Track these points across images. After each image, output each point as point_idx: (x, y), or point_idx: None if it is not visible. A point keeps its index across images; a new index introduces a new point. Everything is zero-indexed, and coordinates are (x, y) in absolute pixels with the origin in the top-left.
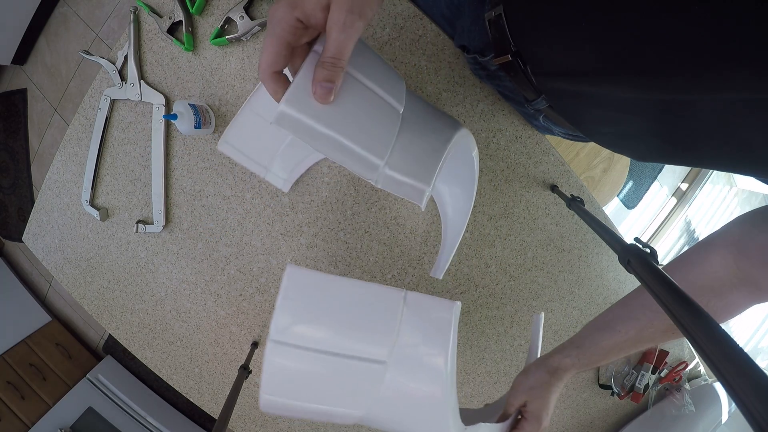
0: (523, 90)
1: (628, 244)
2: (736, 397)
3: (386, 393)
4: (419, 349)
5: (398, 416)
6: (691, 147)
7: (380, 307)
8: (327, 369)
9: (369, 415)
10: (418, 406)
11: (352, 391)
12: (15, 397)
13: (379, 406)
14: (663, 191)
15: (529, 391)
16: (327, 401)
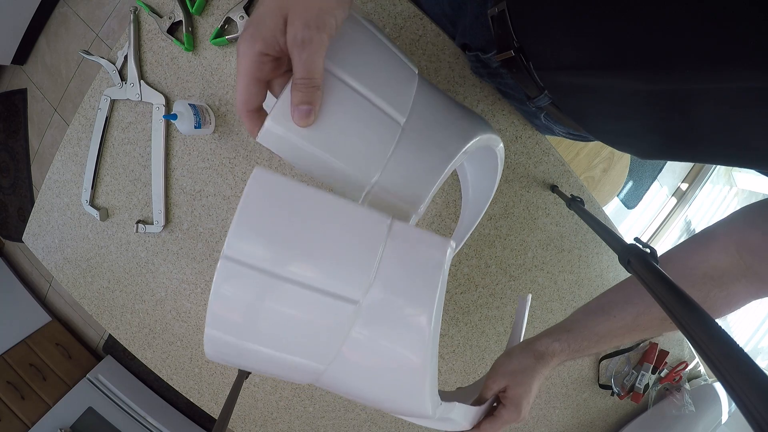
0: (525, 87)
1: (628, 244)
2: (736, 397)
3: (353, 344)
4: (399, 292)
5: (364, 377)
6: (694, 140)
7: (360, 234)
8: (289, 304)
9: (329, 373)
10: (390, 366)
11: (314, 336)
12: (15, 397)
13: (343, 362)
14: (663, 191)
15: (510, 375)
16: (285, 347)
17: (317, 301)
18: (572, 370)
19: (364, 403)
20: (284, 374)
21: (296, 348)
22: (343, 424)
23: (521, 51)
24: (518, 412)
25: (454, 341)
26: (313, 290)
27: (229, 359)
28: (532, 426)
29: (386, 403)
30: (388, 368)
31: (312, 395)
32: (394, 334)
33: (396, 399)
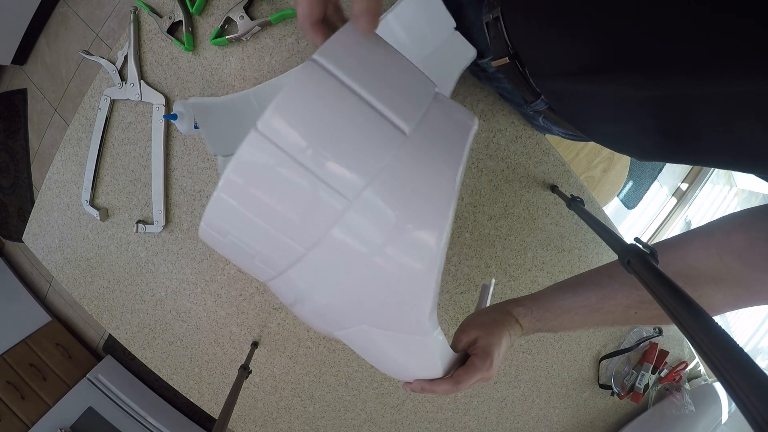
0: (522, 92)
1: (628, 244)
2: (736, 397)
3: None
4: (438, 138)
5: (363, 257)
6: (691, 143)
7: (418, 82)
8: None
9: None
10: (400, 235)
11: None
12: (15, 397)
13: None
14: (663, 191)
15: (480, 326)
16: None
17: (374, 119)
18: (572, 370)
19: (342, 307)
20: (266, 248)
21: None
22: (343, 424)
23: (516, 57)
24: (490, 360)
25: None
26: (374, 110)
27: (222, 230)
28: (532, 426)
29: (376, 305)
30: (408, 220)
31: (312, 395)
32: (426, 173)
33: (394, 294)
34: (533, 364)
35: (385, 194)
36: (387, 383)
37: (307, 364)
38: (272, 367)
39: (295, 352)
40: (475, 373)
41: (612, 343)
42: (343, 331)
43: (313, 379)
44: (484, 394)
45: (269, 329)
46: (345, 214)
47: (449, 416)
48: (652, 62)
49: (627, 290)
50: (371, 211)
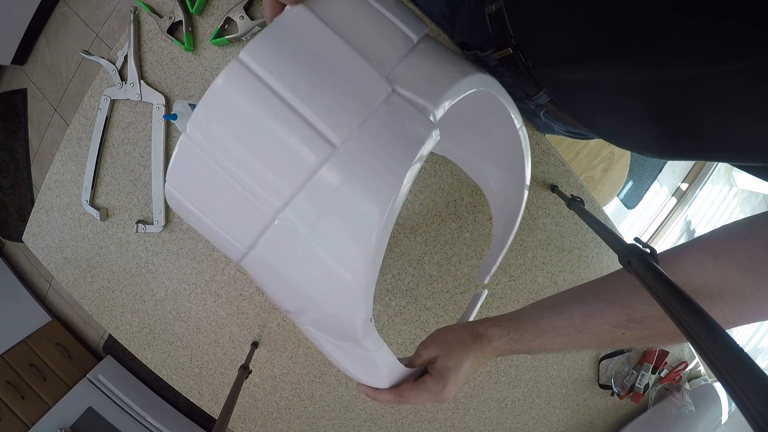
0: (524, 85)
1: (628, 244)
2: (736, 397)
3: (313, 190)
4: (375, 151)
5: (304, 251)
6: (690, 132)
7: (361, 87)
8: (276, 122)
9: (269, 235)
10: (334, 238)
11: (282, 164)
12: (15, 397)
13: (293, 214)
14: (663, 191)
15: (443, 345)
16: (257, 164)
17: (301, 130)
18: (572, 370)
19: (291, 294)
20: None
21: (266, 169)
22: (343, 424)
23: (519, 48)
24: (443, 384)
25: None
26: (301, 119)
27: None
28: (532, 426)
29: (315, 300)
30: (331, 243)
31: (312, 395)
32: (351, 196)
33: (326, 295)
34: (533, 364)
35: (309, 210)
36: None
37: (307, 364)
38: (272, 367)
39: (295, 352)
40: (423, 393)
41: None
42: (298, 325)
43: (313, 379)
44: (484, 394)
45: (269, 329)
46: (272, 224)
47: (449, 416)
48: (648, 42)
49: (615, 308)
50: (296, 225)
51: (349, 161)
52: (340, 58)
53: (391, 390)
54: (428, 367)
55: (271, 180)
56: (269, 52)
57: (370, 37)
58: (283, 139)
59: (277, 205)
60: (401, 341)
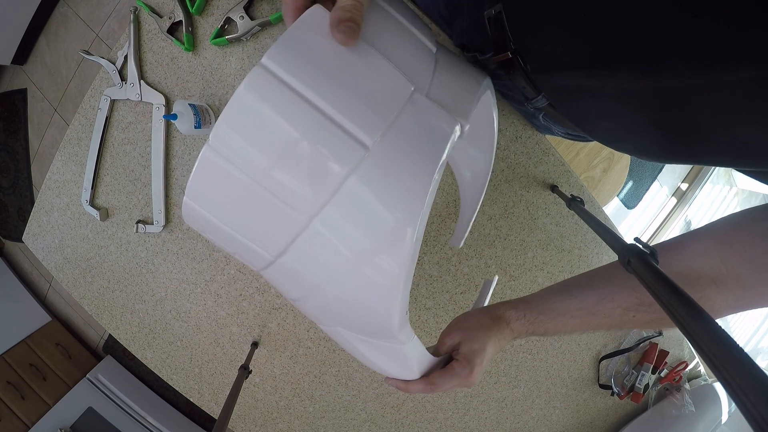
0: (522, 88)
1: (628, 244)
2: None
3: (345, 196)
4: (407, 149)
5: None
6: (691, 138)
7: (388, 87)
8: (303, 127)
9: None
10: (372, 238)
11: (315, 169)
12: (15, 397)
13: (325, 221)
14: (663, 191)
15: (465, 330)
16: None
17: (332, 133)
18: (572, 370)
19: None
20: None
21: (298, 174)
22: (343, 424)
23: (518, 53)
24: (470, 368)
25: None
26: (332, 122)
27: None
28: (532, 426)
29: (348, 301)
30: (368, 243)
31: (312, 395)
32: (386, 195)
33: (363, 295)
34: (533, 364)
35: (345, 213)
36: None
37: (307, 364)
38: (272, 367)
39: (295, 352)
40: (453, 379)
41: (612, 343)
42: (323, 326)
43: (313, 379)
44: (484, 394)
45: (269, 329)
46: (304, 231)
47: (449, 416)
48: (647, 50)
49: (625, 292)
50: (331, 230)
51: (382, 161)
52: (364, 59)
53: (422, 380)
54: (453, 354)
55: (304, 185)
56: (293, 56)
57: (399, 50)
58: (315, 143)
59: (312, 211)
60: None
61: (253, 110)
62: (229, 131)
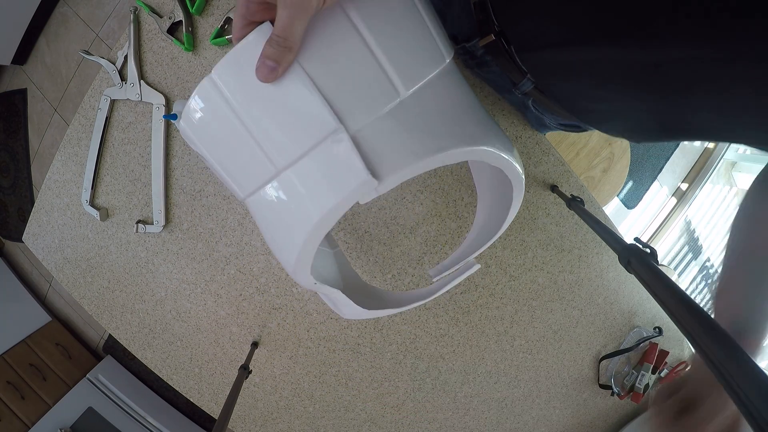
0: (509, 72)
1: (628, 244)
2: (736, 397)
3: (266, 194)
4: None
5: (267, 222)
6: (680, 114)
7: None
8: (235, 135)
9: (249, 204)
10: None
11: (245, 168)
12: (15, 397)
13: (257, 201)
14: (663, 191)
15: None
16: (224, 163)
17: (251, 149)
18: (572, 370)
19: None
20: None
21: (230, 167)
22: (343, 424)
23: (502, 34)
24: None
25: (454, 341)
26: (252, 138)
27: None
28: (532, 426)
29: (274, 248)
30: (282, 224)
31: (312, 395)
32: (292, 208)
33: (279, 250)
34: (533, 364)
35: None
36: (387, 383)
37: (307, 364)
38: (272, 367)
39: (295, 352)
40: None
41: (612, 343)
42: None
43: (313, 379)
44: (484, 394)
45: (269, 329)
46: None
47: (449, 416)
48: (628, 22)
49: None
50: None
51: (284, 186)
52: (288, 89)
53: None
54: None
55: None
56: (231, 76)
57: (348, 82)
58: (241, 148)
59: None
60: (401, 341)
61: (199, 109)
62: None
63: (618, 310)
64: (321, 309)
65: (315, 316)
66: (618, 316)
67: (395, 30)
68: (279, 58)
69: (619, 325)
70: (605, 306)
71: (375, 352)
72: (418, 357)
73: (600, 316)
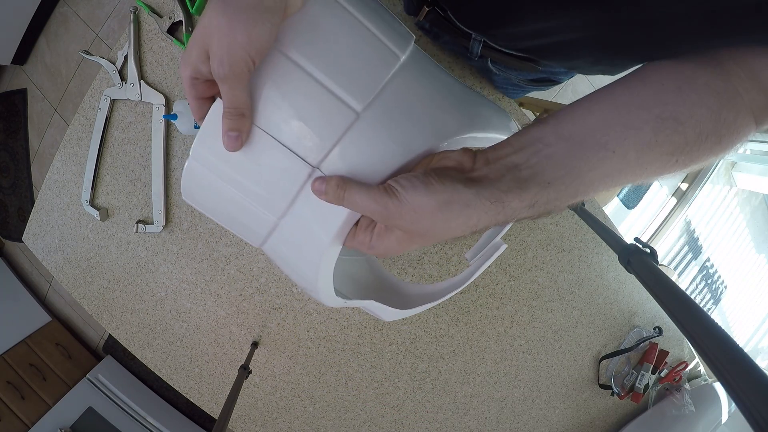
0: (457, 38)
1: (628, 244)
2: (736, 397)
3: (273, 241)
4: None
5: (286, 262)
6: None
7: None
8: (230, 197)
9: (266, 249)
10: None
11: (247, 225)
12: (15, 397)
13: (271, 246)
14: (663, 191)
15: None
16: (229, 222)
17: (247, 207)
18: (572, 370)
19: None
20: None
21: (234, 225)
22: (343, 424)
23: (435, 3)
24: (396, 200)
25: (454, 341)
26: (245, 198)
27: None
28: (532, 426)
29: (299, 283)
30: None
31: (312, 395)
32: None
33: (303, 282)
34: (533, 364)
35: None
36: (387, 383)
37: (307, 364)
38: (272, 367)
39: (295, 352)
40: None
41: (612, 343)
42: None
43: (313, 379)
44: (484, 394)
45: (269, 329)
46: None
47: (449, 416)
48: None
49: (668, 127)
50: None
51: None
52: (257, 153)
53: (338, 180)
54: None
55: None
56: (207, 153)
57: (307, 120)
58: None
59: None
60: (401, 341)
61: (193, 185)
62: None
63: (618, 310)
64: (321, 309)
65: (315, 316)
66: (618, 316)
67: (336, 53)
68: (238, 127)
69: (619, 325)
70: (605, 306)
71: (375, 352)
72: (418, 357)
73: (600, 316)
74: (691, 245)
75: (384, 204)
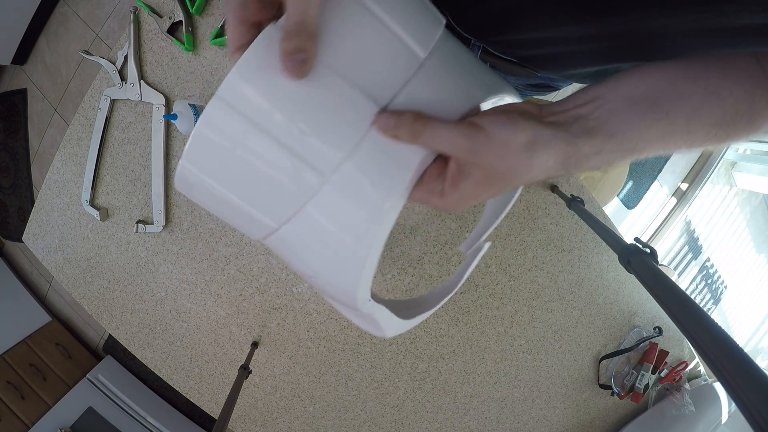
0: None
1: (628, 244)
2: (736, 397)
3: (312, 211)
4: (369, 175)
5: (311, 246)
6: None
7: (349, 113)
8: (264, 157)
9: (281, 235)
10: (339, 240)
11: (276, 194)
12: (15, 397)
13: (297, 226)
14: (663, 191)
15: None
16: (247, 195)
17: (290, 163)
18: (572, 370)
19: (302, 271)
20: (238, 223)
21: (257, 200)
22: (343, 424)
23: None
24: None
25: (454, 341)
26: (289, 151)
27: (196, 194)
28: (532, 426)
29: (322, 277)
30: (337, 242)
31: (312, 395)
32: (352, 210)
33: (332, 276)
34: (533, 364)
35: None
36: (387, 383)
37: (307, 364)
38: (272, 367)
39: (295, 352)
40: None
41: (612, 343)
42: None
43: (313, 379)
44: (484, 394)
45: (269, 329)
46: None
47: (449, 416)
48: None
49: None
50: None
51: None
52: (318, 89)
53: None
54: None
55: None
56: (246, 93)
57: (371, 62)
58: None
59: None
60: (401, 341)
61: (211, 141)
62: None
63: (618, 310)
64: (321, 309)
65: (315, 316)
66: (618, 316)
67: (397, 1)
68: (305, 47)
69: (619, 325)
70: (605, 306)
71: (375, 352)
72: (418, 357)
73: (600, 316)
74: (691, 245)
75: (471, 136)
